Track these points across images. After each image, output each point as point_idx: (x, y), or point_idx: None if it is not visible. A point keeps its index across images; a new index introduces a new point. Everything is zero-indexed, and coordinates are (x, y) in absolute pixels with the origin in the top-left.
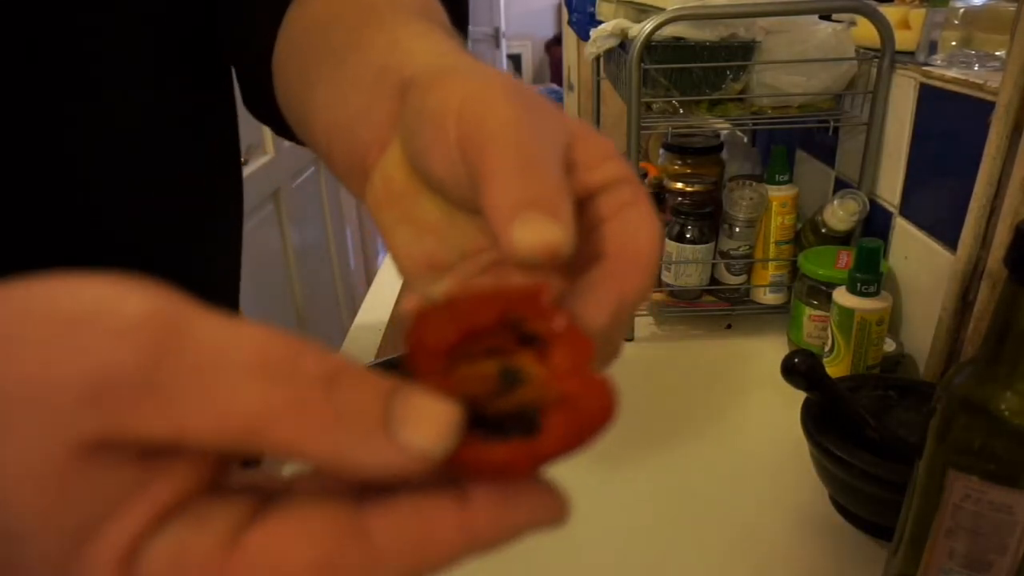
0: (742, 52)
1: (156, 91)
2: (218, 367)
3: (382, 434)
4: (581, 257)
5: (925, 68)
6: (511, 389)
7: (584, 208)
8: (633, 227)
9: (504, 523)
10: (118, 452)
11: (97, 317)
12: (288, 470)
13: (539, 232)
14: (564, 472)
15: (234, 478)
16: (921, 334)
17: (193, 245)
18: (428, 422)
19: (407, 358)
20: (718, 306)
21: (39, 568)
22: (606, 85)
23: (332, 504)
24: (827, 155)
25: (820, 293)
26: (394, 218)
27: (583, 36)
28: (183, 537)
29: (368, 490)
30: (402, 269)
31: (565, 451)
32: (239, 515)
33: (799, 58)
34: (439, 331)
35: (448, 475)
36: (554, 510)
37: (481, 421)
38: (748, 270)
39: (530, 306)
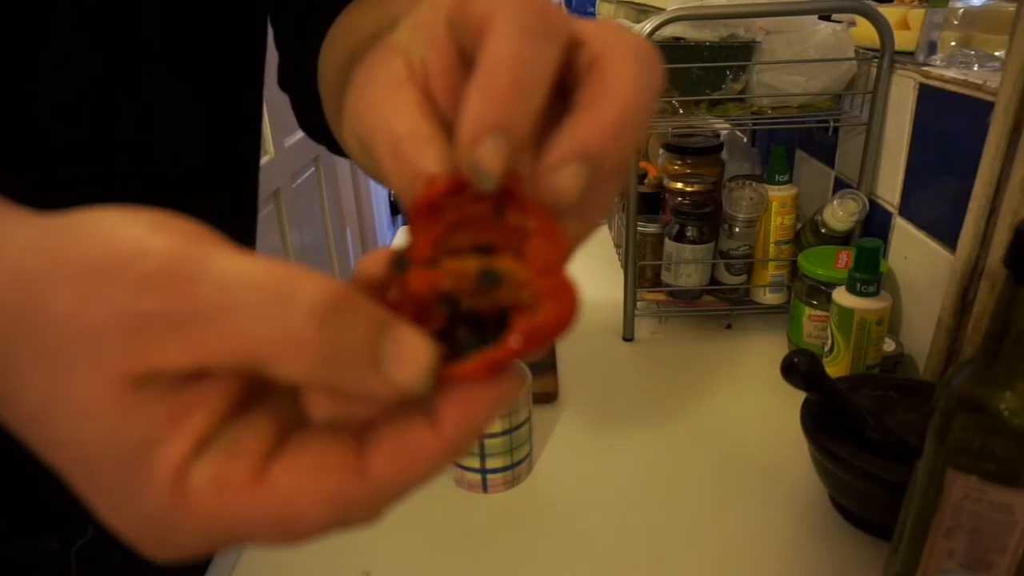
0: (742, 52)
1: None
2: (225, 305)
3: (373, 371)
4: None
5: (924, 68)
6: (489, 289)
7: (572, 56)
8: (608, 73)
9: (471, 426)
10: (157, 384)
11: (123, 267)
12: None
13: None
14: (562, 470)
15: (268, 393)
16: (921, 334)
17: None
18: (412, 363)
19: (410, 240)
20: (718, 306)
21: (108, 484)
22: None
23: (340, 440)
24: (827, 155)
25: (820, 293)
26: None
27: None
28: (222, 462)
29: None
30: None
31: (526, 355)
32: (266, 443)
33: (799, 58)
34: (436, 217)
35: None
36: (510, 391)
37: (460, 315)
38: (748, 270)
39: (510, 198)
